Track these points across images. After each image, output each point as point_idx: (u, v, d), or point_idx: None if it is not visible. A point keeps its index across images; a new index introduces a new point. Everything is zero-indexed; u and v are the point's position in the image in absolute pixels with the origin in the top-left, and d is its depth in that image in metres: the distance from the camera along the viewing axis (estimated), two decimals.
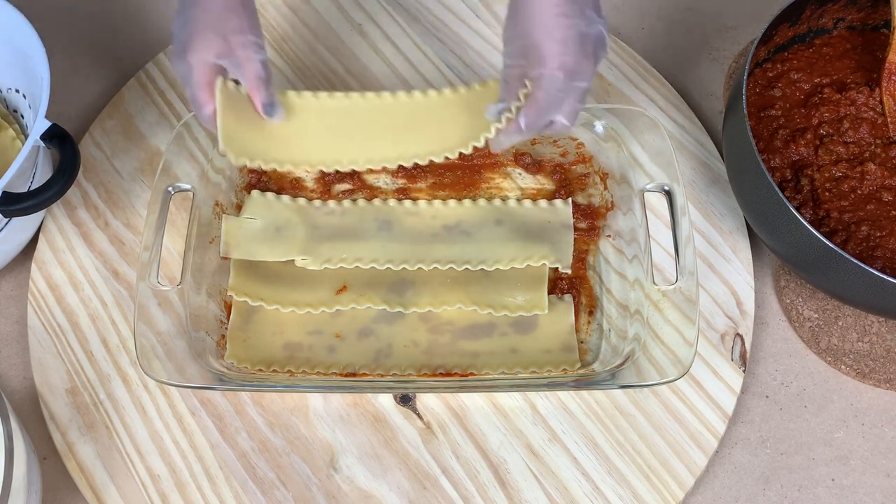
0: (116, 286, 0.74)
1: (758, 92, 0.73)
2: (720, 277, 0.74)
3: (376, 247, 0.73)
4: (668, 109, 0.82)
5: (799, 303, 0.74)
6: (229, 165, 0.75)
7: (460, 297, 0.71)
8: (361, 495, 0.66)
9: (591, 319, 0.72)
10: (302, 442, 0.68)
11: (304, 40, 0.86)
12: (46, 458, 0.68)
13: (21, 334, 0.73)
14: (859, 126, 0.69)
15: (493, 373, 0.68)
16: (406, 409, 0.69)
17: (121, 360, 0.71)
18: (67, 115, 0.78)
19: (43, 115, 0.66)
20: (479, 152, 0.77)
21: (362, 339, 0.70)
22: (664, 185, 0.71)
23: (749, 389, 0.71)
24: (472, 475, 0.66)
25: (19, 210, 0.64)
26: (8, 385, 0.72)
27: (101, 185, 0.79)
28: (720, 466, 0.68)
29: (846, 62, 0.73)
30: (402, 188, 0.77)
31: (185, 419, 0.68)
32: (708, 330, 0.71)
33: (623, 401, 0.68)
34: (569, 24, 0.58)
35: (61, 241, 0.76)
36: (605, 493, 0.65)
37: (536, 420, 0.68)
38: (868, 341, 0.72)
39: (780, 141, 0.69)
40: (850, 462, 0.69)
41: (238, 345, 0.70)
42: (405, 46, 0.86)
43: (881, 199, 0.66)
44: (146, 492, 0.66)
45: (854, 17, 0.74)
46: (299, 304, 0.71)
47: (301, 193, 0.77)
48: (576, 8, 0.59)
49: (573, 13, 0.58)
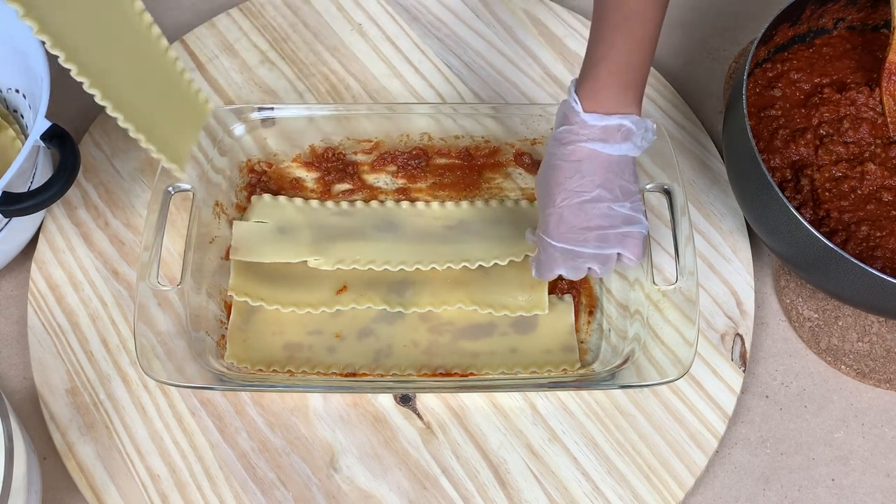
0: (116, 286, 0.74)
1: (758, 92, 0.73)
2: (720, 277, 0.74)
3: (380, 247, 0.73)
4: (668, 109, 0.82)
5: (799, 303, 0.74)
6: (229, 165, 0.75)
7: (460, 297, 0.71)
8: (361, 495, 0.66)
9: (591, 319, 0.72)
10: (302, 442, 0.68)
11: (304, 40, 0.87)
12: (46, 458, 0.68)
13: (21, 334, 0.73)
14: (859, 126, 0.69)
15: (493, 373, 0.68)
16: (406, 409, 0.69)
17: (121, 360, 0.71)
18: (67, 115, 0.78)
19: (43, 115, 0.66)
20: (479, 152, 0.77)
21: (362, 339, 0.70)
22: (664, 185, 0.71)
23: (749, 389, 0.71)
24: (472, 475, 0.66)
25: (19, 210, 0.64)
26: (8, 385, 0.72)
27: (101, 185, 0.79)
28: (720, 466, 0.68)
29: (846, 62, 0.73)
30: (403, 188, 0.77)
31: (185, 419, 0.68)
32: (708, 330, 0.71)
33: (623, 401, 0.68)
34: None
35: (61, 241, 0.76)
36: (605, 493, 0.65)
37: (536, 420, 0.68)
38: (868, 341, 0.72)
39: (780, 141, 0.69)
40: (850, 462, 0.69)
41: (238, 345, 0.70)
42: (405, 46, 0.86)
43: (881, 199, 0.66)
44: (146, 492, 0.66)
45: (854, 17, 0.74)
46: (299, 304, 0.71)
47: (301, 194, 0.77)
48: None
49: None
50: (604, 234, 0.61)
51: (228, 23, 0.87)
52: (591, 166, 0.60)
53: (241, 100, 0.83)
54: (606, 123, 0.60)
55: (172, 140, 0.67)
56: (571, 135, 0.61)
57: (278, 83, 0.84)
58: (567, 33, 0.86)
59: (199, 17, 0.90)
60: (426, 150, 0.78)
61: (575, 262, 0.63)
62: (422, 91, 0.83)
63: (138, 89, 0.63)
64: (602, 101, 0.60)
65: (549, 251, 0.63)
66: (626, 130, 0.60)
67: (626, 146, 0.60)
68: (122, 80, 0.61)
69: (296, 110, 0.76)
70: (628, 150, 0.61)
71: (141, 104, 0.63)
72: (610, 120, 0.60)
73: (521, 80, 0.84)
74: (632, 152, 0.61)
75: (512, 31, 0.86)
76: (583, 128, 0.60)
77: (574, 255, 0.62)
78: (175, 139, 0.68)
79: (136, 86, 0.63)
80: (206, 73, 0.84)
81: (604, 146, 0.60)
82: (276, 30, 0.87)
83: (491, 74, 0.84)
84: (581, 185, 0.61)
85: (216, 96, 0.83)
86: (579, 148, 0.60)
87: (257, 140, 0.76)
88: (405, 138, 0.77)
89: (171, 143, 0.67)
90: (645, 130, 0.61)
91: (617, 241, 0.62)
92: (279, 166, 0.78)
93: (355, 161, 0.78)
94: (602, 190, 0.61)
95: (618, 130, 0.60)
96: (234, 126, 0.75)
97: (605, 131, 0.60)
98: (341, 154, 0.77)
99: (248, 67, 0.85)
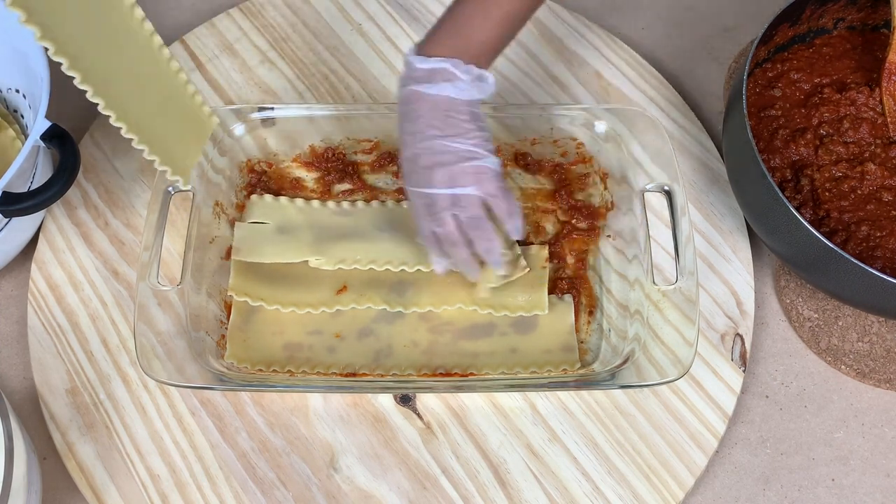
0: (116, 286, 0.74)
1: (758, 92, 0.73)
2: (720, 277, 0.74)
3: (381, 247, 0.73)
4: (668, 109, 0.82)
5: (799, 303, 0.74)
6: (229, 165, 0.75)
7: (460, 297, 0.71)
8: (361, 495, 0.66)
9: (591, 319, 0.72)
10: (302, 442, 0.68)
11: (304, 40, 0.87)
12: (46, 458, 0.68)
13: (21, 334, 0.73)
14: (859, 126, 0.69)
15: (493, 373, 0.68)
16: (406, 409, 0.69)
17: (121, 360, 0.71)
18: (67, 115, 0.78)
19: (43, 115, 0.66)
20: None
21: (362, 339, 0.70)
22: (664, 185, 0.71)
23: (749, 389, 0.71)
24: (472, 475, 0.66)
25: (19, 210, 0.64)
26: (8, 385, 0.72)
27: (101, 185, 0.79)
28: (720, 466, 0.68)
29: (846, 62, 0.73)
30: (403, 188, 0.77)
31: (185, 419, 0.68)
32: (708, 330, 0.71)
33: (623, 401, 0.68)
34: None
35: (61, 241, 0.76)
36: (605, 493, 0.65)
37: (536, 420, 0.68)
38: (868, 341, 0.72)
39: (780, 141, 0.69)
40: (850, 462, 0.69)
41: (238, 345, 0.70)
42: (405, 46, 0.86)
43: (881, 199, 0.66)
44: (146, 492, 0.66)
45: (854, 17, 0.74)
46: (299, 304, 0.71)
47: (301, 194, 0.77)
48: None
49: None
50: (450, 171, 0.62)
51: (228, 23, 0.87)
52: (421, 107, 0.63)
53: (241, 100, 0.83)
54: (429, 66, 0.63)
55: (177, 152, 0.67)
56: (403, 80, 0.64)
57: (278, 83, 0.84)
58: (567, 33, 0.86)
59: (199, 17, 0.90)
60: None
61: (434, 209, 0.64)
62: None
63: (142, 102, 0.63)
64: (431, 47, 0.63)
65: (411, 201, 0.65)
66: (446, 72, 0.62)
67: (448, 87, 0.62)
68: (125, 91, 0.60)
69: (296, 110, 0.76)
70: (450, 91, 0.63)
71: (145, 116, 0.63)
72: (431, 62, 0.63)
73: (521, 80, 0.84)
74: (455, 94, 0.63)
75: None
76: (411, 71, 0.64)
77: (431, 201, 0.63)
78: (180, 151, 0.68)
79: (140, 98, 0.62)
80: (206, 73, 0.84)
81: (428, 87, 0.63)
82: (276, 30, 0.87)
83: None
84: (416, 127, 0.63)
85: (216, 96, 0.83)
86: (408, 91, 0.64)
87: (257, 140, 0.76)
88: None
89: (177, 156, 0.67)
90: (476, 79, 0.63)
91: (468, 179, 0.63)
92: (279, 166, 0.78)
93: (355, 161, 0.78)
94: (434, 130, 0.63)
95: (439, 73, 0.62)
96: (234, 126, 0.75)
97: (429, 74, 0.63)
98: (341, 154, 0.77)
99: (248, 67, 0.85)
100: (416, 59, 0.63)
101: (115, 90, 0.59)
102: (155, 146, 0.63)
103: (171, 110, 0.66)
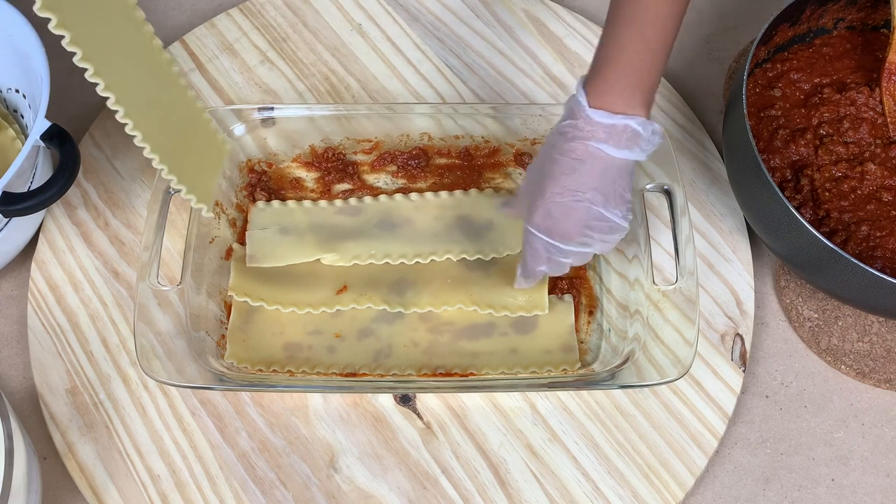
0: (116, 286, 0.74)
1: (758, 92, 0.73)
2: (720, 277, 0.74)
3: (381, 243, 0.73)
4: (668, 109, 0.82)
5: (799, 303, 0.74)
6: (229, 165, 0.75)
7: (461, 297, 0.71)
8: (361, 495, 0.66)
9: (591, 319, 0.72)
10: (302, 442, 0.68)
11: (304, 40, 0.87)
12: (46, 458, 0.68)
13: (21, 334, 0.73)
14: (859, 126, 0.69)
15: (492, 373, 0.68)
16: (406, 409, 0.69)
17: (121, 360, 0.71)
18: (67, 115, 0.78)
19: (43, 115, 0.66)
20: (479, 152, 0.77)
21: (362, 339, 0.70)
22: (664, 185, 0.71)
23: (749, 389, 0.71)
24: (472, 475, 0.66)
25: (19, 210, 0.64)
26: (8, 385, 0.72)
27: (101, 185, 0.79)
28: (720, 466, 0.68)
29: (846, 62, 0.73)
30: (403, 188, 0.77)
31: (185, 419, 0.68)
32: (708, 330, 0.71)
33: (623, 401, 0.68)
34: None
35: (61, 241, 0.76)
36: (605, 493, 0.65)
37: (536, 420, 0.68)
38: (868, 341, 0.72)
39: (780, 141, 0.69)
40: (850, 462, 0.69)
41: (238, 345, 0.70)
42: (405, 46, 0.86)
43: (881, 199, 0.66)
44: (146, 492, 0.66)
45: (854, 17, 0.74)
46: (299, 304, 0.71)
47: (301, 194, 0.77)
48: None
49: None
50: (590, 236, 0.61)
51: (228, 23, 0.87)
52: (590, 166, 0.59)
53: (241, 100, 0.83)
54: (612, 122, 0.58)
55: (199, 179, 0.69)
56: (575, 130, 0.59)
57: (278, 83, 0.84)
58: (567, 33, 0.86)
59: (199, 17, 0.90)
60: (426, 150, 0.78)
61: (557, 258, 0.63)
62: (422, 91, 0.83)
63: (165, 126, 0.64)
64: (609, 100, 0.58)
65: (532, 242, 0.63)
66: (631, 133, 0.58)
67: (631, 150, 0.59)
68: (149, 116, 0.62)
69: (296, 110, 0.76)
70: (632, 154, 0.59)
71: (170, 144, 0.65)
72: (616, 119, 0.58)
73: (521, 80, 0.84)
74: (636, 157, 0.59)
75: (512, 31, 0.86)
76: (588, 124, 0.58)
77: (557, 252, 0.62)
78: (200, 178, 0.69)
79: (163, 122, 0.64)
80: (206, 73, 0.84)
81: (607, 148, 0.58)
82: (276, 30, 0.87)
83: (491, 74, 0.84)
84: (576, 184, 0.59)
85: (216, 96, 0.83)
86: (582, 145, 0.59)
87: (257, 140, 0.76)
88: (405, 138, 0.77)
89: (199, 183, 0.68)
90: (651, 134, 0.59)
91: (597, 243, 0.62)
92: (279, 166, 0.78)
93: (355, 161, 0.78)
94: (596, 193, 0.59)
95: (623, 132, 0.58)
96: (234, 126, 0.75)
97: (611, 131, 0.58)
98: (341, 154, 0.77)
99: (248, 67, 0.85)
100: (596, 114, 0.58)
101: (142, 115, 0.61)
102: (180, 173, 0.66)
103: (189, 137, 0.68)
